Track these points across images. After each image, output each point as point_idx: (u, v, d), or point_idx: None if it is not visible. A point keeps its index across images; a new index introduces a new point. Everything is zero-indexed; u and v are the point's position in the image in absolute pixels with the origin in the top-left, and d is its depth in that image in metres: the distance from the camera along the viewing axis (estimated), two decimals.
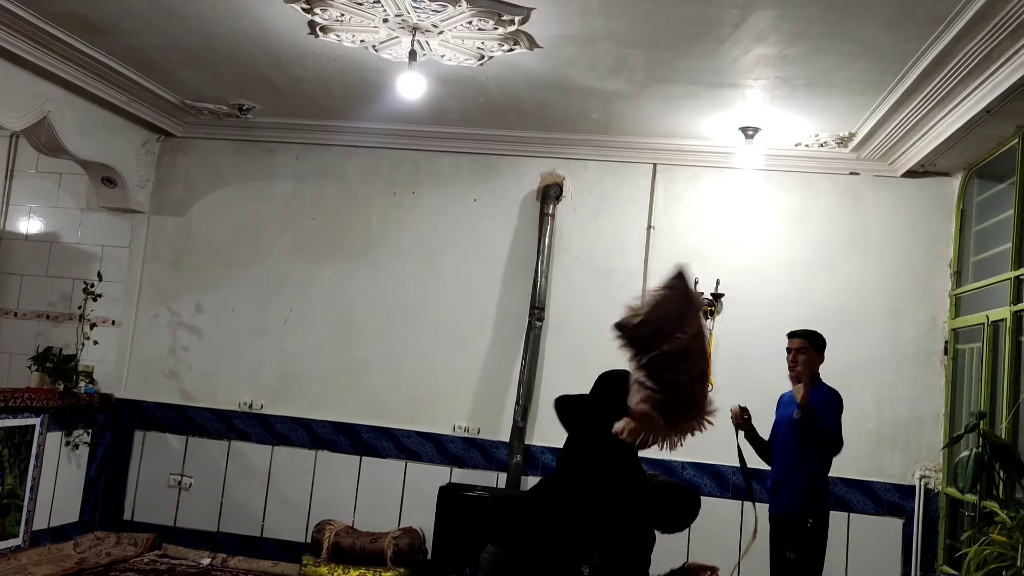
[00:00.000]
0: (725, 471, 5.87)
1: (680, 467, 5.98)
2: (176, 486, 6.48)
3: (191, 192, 6.79)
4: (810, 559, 4.53)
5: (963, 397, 5.50)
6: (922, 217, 5.91)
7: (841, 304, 5.95)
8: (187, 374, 6.62)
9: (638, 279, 6.19)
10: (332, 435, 6.39)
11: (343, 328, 6.50)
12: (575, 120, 5.87)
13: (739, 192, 6.16)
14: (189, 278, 6.70)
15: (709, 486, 5.90)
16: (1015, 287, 4.69)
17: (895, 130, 5.23)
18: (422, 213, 6.53)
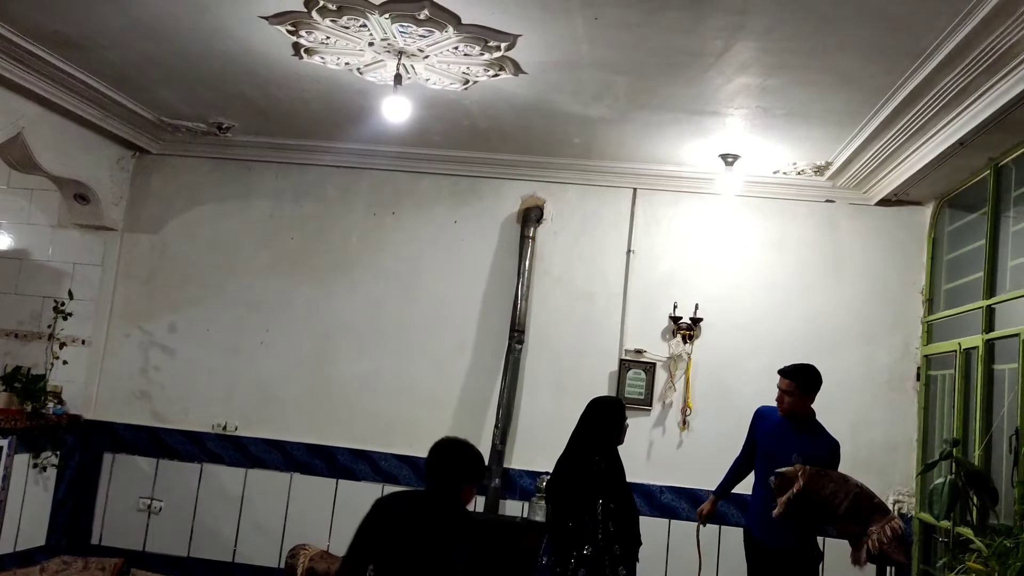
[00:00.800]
0: (702, 495, 5.87)
1: (658, 491, 5.99)
2: (146, 510, 6.35)
3: (166, 210, 6.71)
4: None
5: (936, 423, 5.58)
6: (895, 245, 6.02)
7: (816, 329, 6.02)
8: (159, 395, 6.51)
9: (618, 302, 6.22)
10: (307, 458, 6.31)
11: (320, 349, 6.44)
12: (557, 144, 5.90)
13: (718, 217, 6.23)
14: (163, 297, 6.60)
15: (687, 510, 5.91)
16: (987, 316, 4.78)
17: (870, 160, 5.33)
18: (402, 234, 6.51)
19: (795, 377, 4.63)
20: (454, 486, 3.12)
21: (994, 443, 4.65)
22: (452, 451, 3.19)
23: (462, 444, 3.22)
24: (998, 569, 3.71)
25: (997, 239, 4.79)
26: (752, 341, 6.04)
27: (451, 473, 3.13)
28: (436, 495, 3.13)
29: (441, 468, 3.14)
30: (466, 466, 3.16)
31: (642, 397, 6.10)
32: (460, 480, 3.14)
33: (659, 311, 6.18)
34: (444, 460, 3.15)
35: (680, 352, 6.11)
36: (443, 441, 3.23)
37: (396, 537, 3.03)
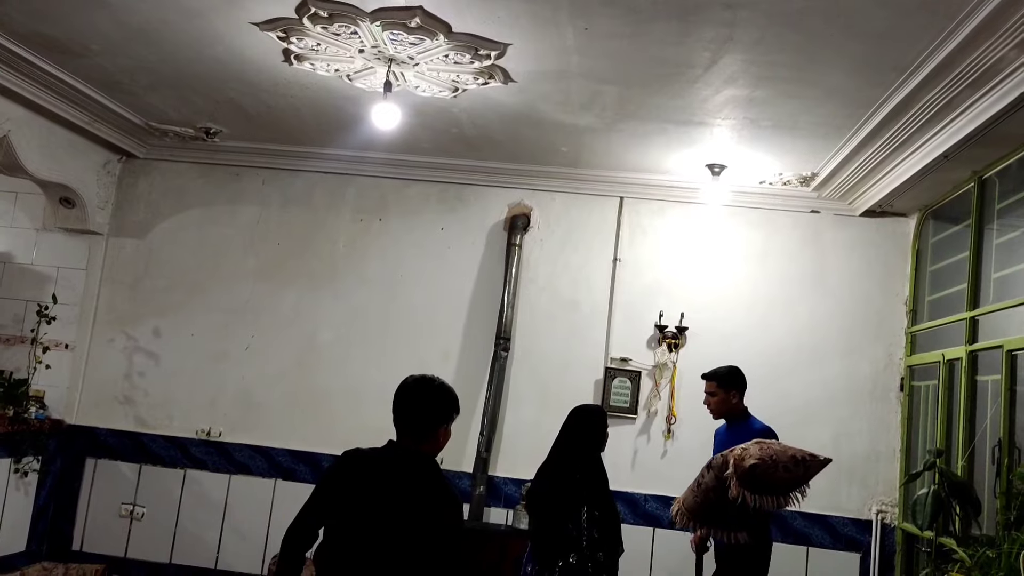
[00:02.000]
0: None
1: (643, 499, 6.00)
2: (128, 516, 6.30)
3: (152, 214, 6.68)
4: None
5: (919, 433, 5.62)
6: (879, 256, 6.07)
7: (800, 340, 6.06)
8: (143, 400, 6.46)
9: (603, 311, 6.24)
10: (292, 464, 6.28)
11: (305, 355, 6.42)
12: (545, 153, 5.92)
13: (703, 227, 6.26)
14: (148, 302, 6.56)
15: (671, 519, 5.91)
16: (970, 327, 4.83)
17: (855, 171, 5.38)
18: (388, 241, 6.50)
19: (713, 377, 4.82)
20: (431, 428, 2.79)
21: (977, 454, 4.69)
22: (426, 390, 2.81)
23: (434, 381, 2.85)
24: None
25: (981, 251, 4.84)
26: (737, 350, 6.03)
27: (427, 414, 2.78)
28: (412, 442, 2.78)
29: (415, 409, 2.78)
30: (443, 405, 2.81)
31: (627, 405, 6.11)
32: (438, 421, 2.80)
33: (645, 320, 6.20)
34: (418, 400, 2.79)
35: (665, 361, 6.13)
36: (413, 380, 2.85)
37: (362, 489, 2.72)
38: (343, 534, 2.72)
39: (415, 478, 2.74)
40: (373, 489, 2.73)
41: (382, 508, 2.69)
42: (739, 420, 4.78)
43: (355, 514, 2.71)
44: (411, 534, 2.67)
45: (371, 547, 2.68)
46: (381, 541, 2.68)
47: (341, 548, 2.72)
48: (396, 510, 2.68)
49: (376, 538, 2.68)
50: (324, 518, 2.78)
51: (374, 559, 2.67)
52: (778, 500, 4.09)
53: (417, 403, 2.79)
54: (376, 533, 2.68)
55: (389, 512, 2.68)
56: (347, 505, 2.73)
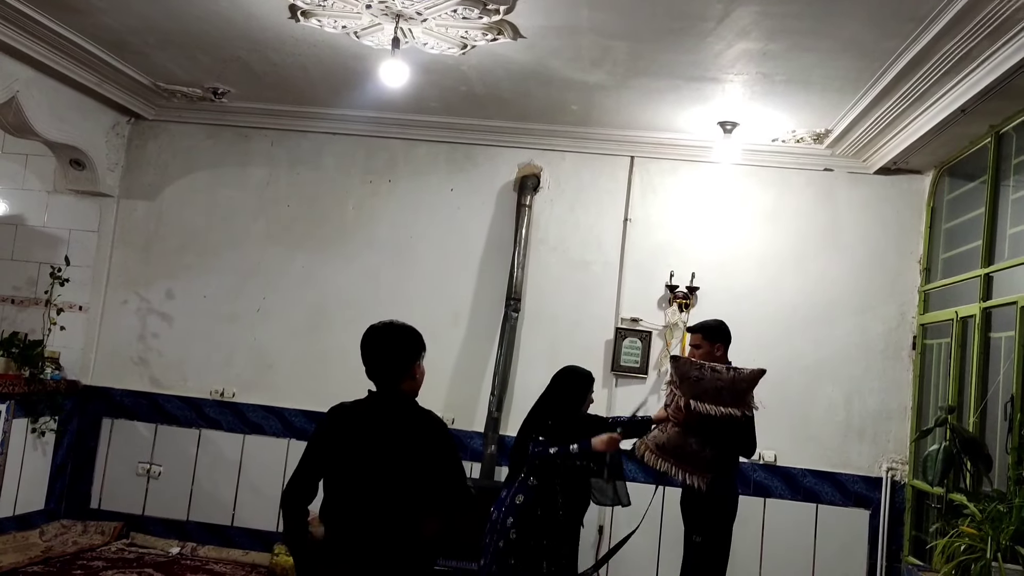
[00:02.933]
0: None
1: None
2: (145, 474, 6.39)
3: (162, 176, 6.67)
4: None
5: (930, 391, 5.61)
6: (893, 214, 6.01)
7: (812, 299, 6.03)
8: (157, 361, 6.52)
9: (614, 271, 6.22)
10: (305, 424, 6.34)
11: (316, 316, 6.45)
12: (555, 111, 5.86)
13: (715, 186, 6.21)
14: (160, 264, 6.59)
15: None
16: (985, 284, 4.79)
17: (871, 127, 5.31)
18: (398, 202, 6.49)
19: (700, 330, 4.76)
20: (405, 368, 2.90)
21: (989, 410, 4.68)
22: (391, 333, 2.93)
23: (394, 324, 2.96)
24: (991, 533, 3.75)
25: (996, 207, 4.79)
26: (748, 310, 6.04)
27: (398, 355, 2.90)
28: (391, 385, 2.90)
29: (386, 353, 2.90)
30: (410, 343, 2.92)
31: (638, 365, 6.12)
32: (410, 360, 2.91)
33: (655, 280, 6.18)
34: (386, 344, 2.92)
35: (676, 321, 6.11)
36: (375, 328, 2.96)
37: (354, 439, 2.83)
38: (344, 485, 2.83)
39: (398, 416, 2.86)
40: (363, 437, 2.83)
41: (375, 452, 2.80)
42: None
43: (352, 464, 2.81)
44: (407, 467, 2.79)
45: (373, 491, 2.78)
46: (381, 483, 2.78)
47: (345, 499, 2.82)
48: (388, 450, 2.79)
49: (376, 481, 2.78)
50: (320, 474, 2.88)
51: (378, 501, 2.78)
52: (717, 408, 4.22)
53: (386, 347, 2.92)
54: (374, 477, 2.78)
55: (382, 454, 2.79)
56: (342, 457, 2.83)
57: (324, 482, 2.88)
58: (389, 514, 2.78)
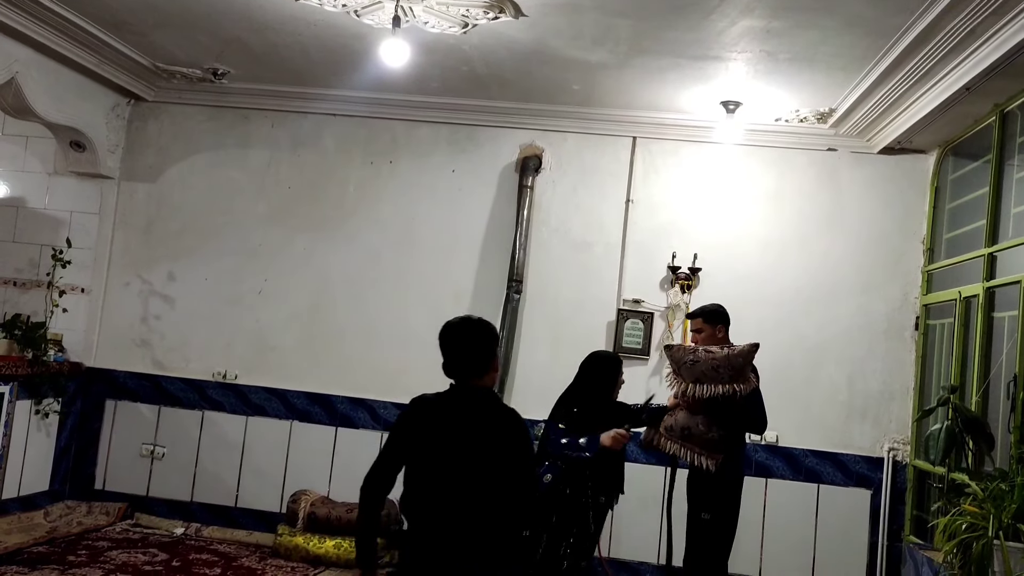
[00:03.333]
0: None
1: None
2: (148, 456, 6.41)
3: (163, 158, 6.66)
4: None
5: (932, 372, 5.61)
6: (897, 194, 5.99)
7: (815, 280, 6.02)
8: (159, 343, 6.53)
9: (616, 252, 6.21)
10: (307, 406, 6.35)
11: (318, 298, 6.45)
12: (557, 91, 5.83)
13: (718, 167, 6.18)
14: (161, 246, 6.59)
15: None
16: (988, 263, 4.78)
17: (875, 106, 5.27)
18: (399, 183, 6.47)
19: (699, 315, 4.81)
20: (486, 362, 2.92)
21: (992, 390, 4.67)
22: (472, 329, 2.94)
23: (472, 319, 2.97)
24: (993, 512, 3.75)
25: (1001, 186, 4.76)
26: (750, 291, 6.04)
27: (480, 350, 2.91)
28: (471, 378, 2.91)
29: (468, 348, 2.90)
30: (490, 339, 2.94)
31: (640, 347, 6.12)
32: (490, 355, 2.93)
33: (657, 261, 6.17)
34: (469, 339, 2.92)
35: (678, 302, 6.11)
36: (456, 323, 2.96)
37: (436, 431, 2.86)
38: (425, 476, 2.85)
39: (481, 410, 2.87)
40: (447, 429, 2.85)
41: (459, 445, 2.82)
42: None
43: (434, 456, 2.84)
44: (488, 461, 2.81)
45: (453, 482, 2.81)
46: (462, 474, 2.81)
47: (425, 489, 2.85)
48: (471, 444, 2.82)
49: (457, 472, 2.81)
50: (400, 465, 2.92)
51: (459, 492, 2.81)
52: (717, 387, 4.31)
53: (467, 342, 2.91)
54: (455, 468, 2.81)
55: (466, 447, 2.82)
56: (425, 449, 2.85)
57: (405, 473, 2.91)
58: (470, 507, 2.80)
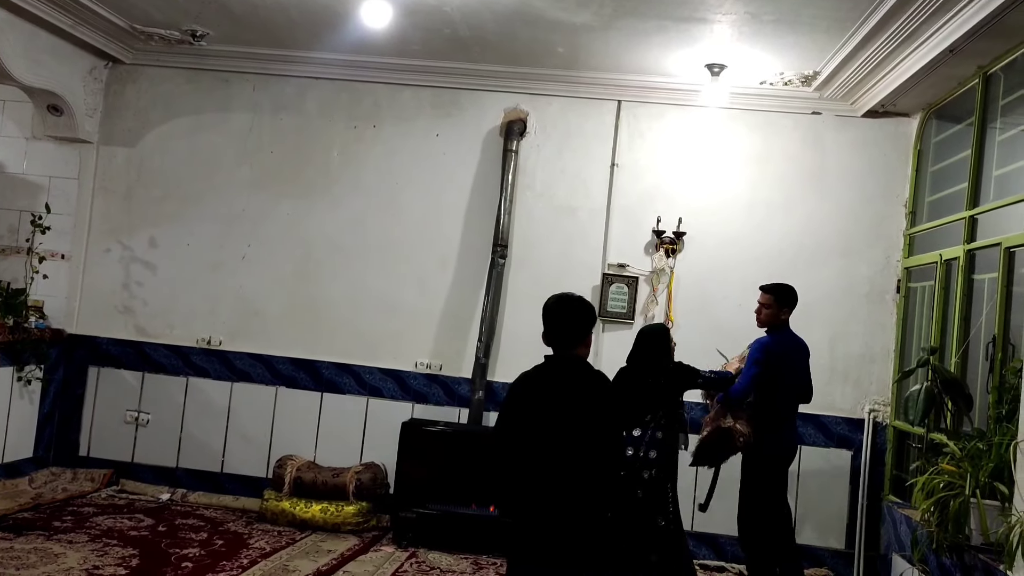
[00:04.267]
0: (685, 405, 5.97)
1: None
2: (133, 422, 6.40)
3: (142, 122, 6.57)
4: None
5: (913, 334, 5.67)
6: (880, 157, 6.00)
7: (799, 243, 6.04)
8: (142, 310, 6.49)
9: (601, 217, 6.21)
10: (292, 371, 6.35)
11: (303, 264, 6.42)
12: (541, 54, 5.78)
13: (703, 131, 6.17)
14: (142, 211, 6.53)
15: None
16: (969, 226, 4.81)
17: (858, 69, 5.26)
18: (383, 148, 6.42)
19: (772, 290, 4.97)
20: (581, 336, 3.16)
21: (971, 352, 4.73)
22: (572, 305, 3.20)
23: (573, 296, 3.22)
24: (970, 471, 3.82)
25: (983, 149, 4.78)
26: (735, 255, 6.06)
27: (577, 324, 3.17)
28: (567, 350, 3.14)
29: (567, 322, 3.16)
30: (587, 315, 3.19)
31: (624, 311, 6.14)
32: (586, 329, 3.18)
33: (642, 225, 6.17)
34: (568, 314, 3.17)
35: (663, 266, 6.12)
36: (557, 299, 3.22)
37: (538, 399, 3.09)
38: (529, 441, 3.05)
39: (573, 375, 3.12)
40: (547, 396, 3.08)
41: (557, 409, 3.05)
42: (782, 331, 4.95)
43: (537, 421, 3.05)
44: (581, 419, 3.04)
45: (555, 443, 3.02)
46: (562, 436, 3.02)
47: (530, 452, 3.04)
48: (565, 404, 3.06)
49: (557, 435, 3.02)
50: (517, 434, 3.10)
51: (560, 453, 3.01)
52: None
53: (567, 316, 3.17)
54: (556, 431, 3.02)
55: (563, 410, 3.05)
56: (529, 416, 3.07)
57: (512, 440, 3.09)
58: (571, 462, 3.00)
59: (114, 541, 5.01)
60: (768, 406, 4.81)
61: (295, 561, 5.01)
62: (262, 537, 5.44)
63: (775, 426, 4.81)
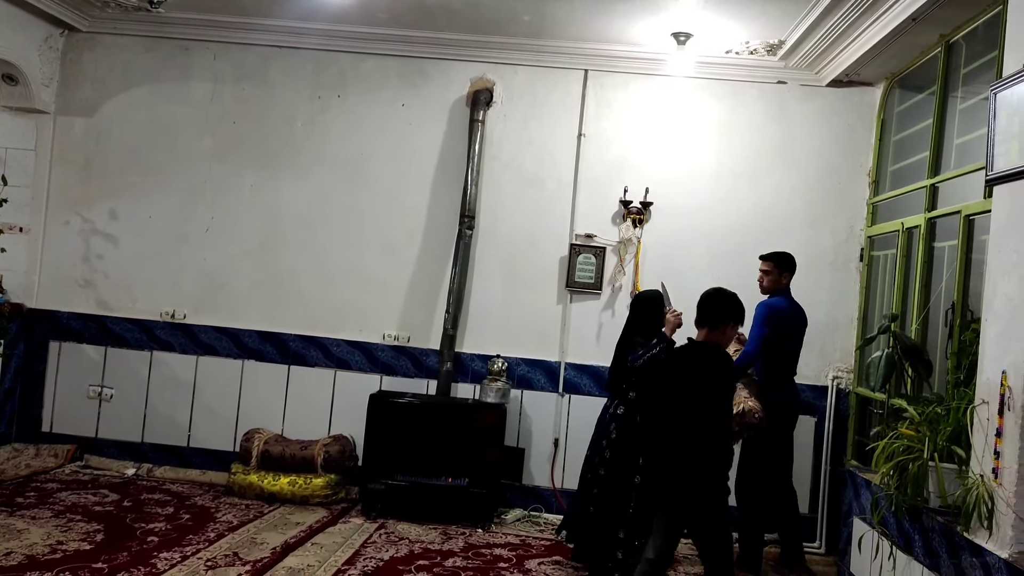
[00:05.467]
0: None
1: (606, 371, 6.09)
2: (96, 397, 6.33)
3: (100, 92, 6.43)
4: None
5: (876, 302, 5.74)
6: (844, 127, 6.03)
7: (765, 213, 6.08)
8: (103, 283, 6.39)
9: (568, 187, 6.19)
10: (259, 344, 6.30)
11: (268, 236, 6.35)
12: (506, 23, 5.73)
13: (669, 100, 6.16)
14: (101, 183, 6.40)
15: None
16: (930, 194, 4.86)
17: (823, 38, 5.27)
18: (348, 118, 6.34)
19: (771, 257, 5.26)
20: (718, 325, 3.91)
21: (931, 319, 4.80)
22: (716, 298, 3.97)
23: (723, 291, 3.99)
24: (929, 435, 3.88)
25: (944, 118, 4.82)
26: (701, 225, 6.09)
27: (715, 315, 3.91)
28: (705, 336, 3.93)
29: (707, 312, 3.93)
30: (726, 308, 3.93)
31: (592, 281, 6.15)
32: (723, 320, 3.92)
33: (609, 196, 6.17)
34: (709, 305, 3.95)
35: (630, 236, 6.13)
36: (709, 291, 4.01)
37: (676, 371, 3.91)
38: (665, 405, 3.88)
39: (706, 357, 3.89)
40: (682, 370, 3.91)
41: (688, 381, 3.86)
42: (785, 295, 5.21)
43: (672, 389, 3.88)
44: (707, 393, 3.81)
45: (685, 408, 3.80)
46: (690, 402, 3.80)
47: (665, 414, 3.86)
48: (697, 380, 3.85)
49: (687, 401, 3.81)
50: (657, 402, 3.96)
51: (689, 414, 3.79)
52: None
53: (708, 307, 3.95)
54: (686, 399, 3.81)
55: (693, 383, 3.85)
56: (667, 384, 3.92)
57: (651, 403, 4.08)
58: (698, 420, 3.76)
59: (78, 517, 4.97)
60: (776, 365, 5.08)
61: (263, 534, 5.00)
62: (229, 511, 5.42)
63: (782, 385, 5.11)
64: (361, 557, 4.73)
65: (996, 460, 3.26)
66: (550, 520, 5.90)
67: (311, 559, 4.63)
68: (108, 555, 4.35)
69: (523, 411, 6.13)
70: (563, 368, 6.13)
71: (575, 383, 6.12)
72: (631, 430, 4.67)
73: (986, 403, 3.38)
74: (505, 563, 4.86)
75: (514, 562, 4.90)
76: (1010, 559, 3.02)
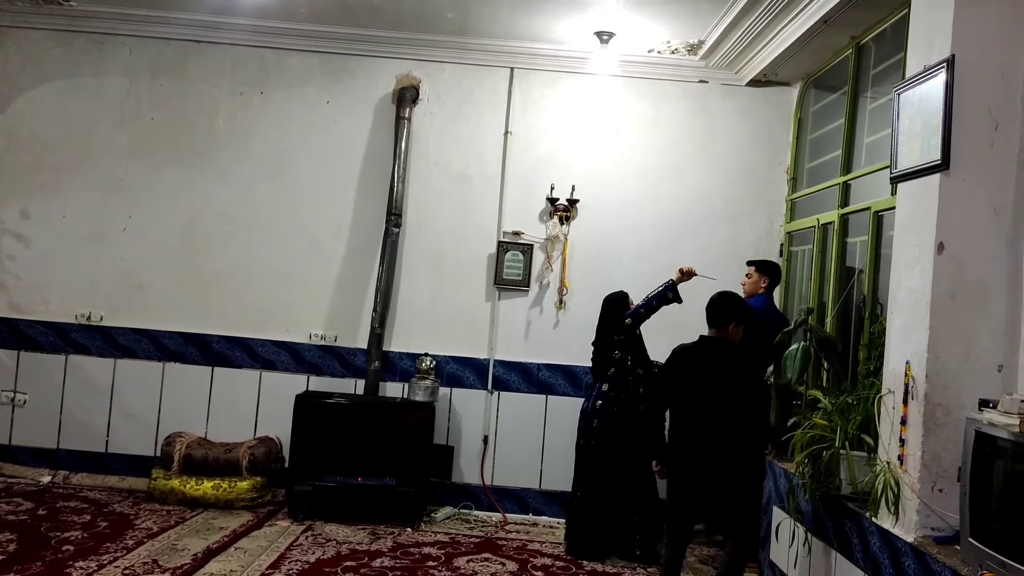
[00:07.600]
0: (578, 371, 6.06)
1: (536, 368, 6.14)
2: (9, 403, 6.10)
3: (10, 87, 6.20)
4: None
5: (795, 296, 5.89)
6: (764, 125, 6.18)
7: (689, 209, 6.19)
8: (15, 285, 6.17)
9: (495, 184, 6.21)
10: (181, 346, 6.16)
11: (188, 235, 6.20)
12: (430, 20, 5.71)
13: (594, 98, 6.22)
14: (12, 181, 6.18)
15: (563, 386, 6.11)
16: (843, 191, 5.01)
17: (741, 39, 5.39)
18: (272, 115, 6.24)
19: (755, 262, 5.48)
20: (724, 324, 4.17)
21: (847, 311, 4.95)
22: (721, 299, 4.25)
23: (728, 294, 4.29)
24: (840, 424, 4.00)
25: (855, 117, 4.97)
26: (627, 221, 6.16)
27: (720, 314, 4.19)
28: (715, 333, 4.20)
29: (713, 311, 4.21)
30: (730, 309, 4.19)
31: (520, 279, 6.17)
32: (727, 319, 4.17)
33: (536, 193, 6.20)
34: (715, 305, 4.22)
35: (557, 233, 6.17)
36: (715, 295, 4.27)
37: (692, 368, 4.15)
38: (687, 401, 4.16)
39: (721, 351, 4.18)
40: (698, 366, 4.17)
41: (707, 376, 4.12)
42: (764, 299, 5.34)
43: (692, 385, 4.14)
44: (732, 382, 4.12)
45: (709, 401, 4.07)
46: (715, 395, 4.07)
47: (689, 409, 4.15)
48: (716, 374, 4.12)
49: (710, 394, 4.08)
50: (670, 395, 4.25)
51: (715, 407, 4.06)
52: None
53: (712, 310, 4.24)
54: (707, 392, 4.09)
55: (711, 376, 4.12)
56: (685, 381, 4.17)
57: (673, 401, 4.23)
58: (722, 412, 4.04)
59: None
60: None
61: (184, 540, 4.89)
62: (150, 517, 5.29)
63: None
64: (286, 560, 4.67)
65: (901, 447, 3.38)
66: (480, 517, 5.92)
67: (234, 564, 4.55)
68: (21, 565, 4.21)
69: (452, 409, 6.13)
70: (492, 365, 6.14)
71: (504, 380, 6.14)
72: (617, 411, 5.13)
73: (892, 392, 3.50)
74: (434, 561, 4.86)
75: (443, 560, 4.90)
76: (915, 543, 3.13)
